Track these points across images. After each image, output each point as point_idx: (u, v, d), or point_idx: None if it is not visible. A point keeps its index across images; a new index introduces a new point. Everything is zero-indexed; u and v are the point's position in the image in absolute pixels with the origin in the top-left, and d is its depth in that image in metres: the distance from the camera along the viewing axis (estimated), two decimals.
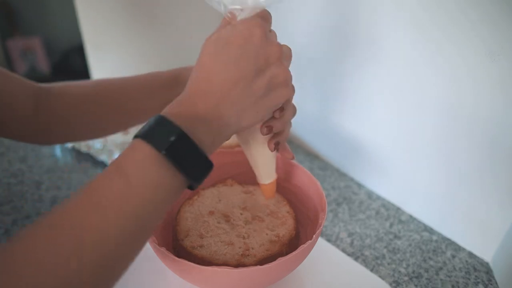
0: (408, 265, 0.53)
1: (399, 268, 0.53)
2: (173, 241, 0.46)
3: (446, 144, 0.54)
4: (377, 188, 0.67)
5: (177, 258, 0.36)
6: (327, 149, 0.75)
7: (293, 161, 0.50)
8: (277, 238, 0.44)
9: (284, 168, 0.52)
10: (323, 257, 0.52)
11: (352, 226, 0.59)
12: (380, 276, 0.51)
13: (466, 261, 0.54)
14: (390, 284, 0.50)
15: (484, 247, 0.54)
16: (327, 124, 0.72)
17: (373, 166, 0.66)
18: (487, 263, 0.54)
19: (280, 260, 0.37)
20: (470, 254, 0.55)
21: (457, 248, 0.56)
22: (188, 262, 0.36)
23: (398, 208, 0.64)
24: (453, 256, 0.55)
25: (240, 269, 0.36)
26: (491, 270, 0.53)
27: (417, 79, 0.54)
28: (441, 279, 0.51)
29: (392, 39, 0.55)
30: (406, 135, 0.59)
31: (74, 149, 0.75)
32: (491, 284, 0.51)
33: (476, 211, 0.53)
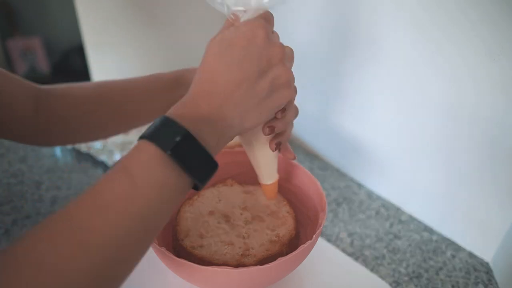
0: (408, 265, 0.53)
1: (399, 268, 0.53)
2: (173, 241, 0.46)
3: (446, 144, 0.54)
4: (377, 188, 0.67)
5: (177, 258, 0.36)
6: (327, 149, 0.75)
7: (293, 161, 0.50)
8: (277, 238, 0.44)
9: (284, 168, 0.52)
10: (323, 257, 0.53)
11: (352, 226, 0.59)
12: (380, 276, 0.51)
13: (466, 261, 0.54)
14: (390, 284, 0.50)
15: (484, 247, 0.54)
16: (327, 124, 0.72)
17: (373, 166, 0.66)
18: (487, 263, 0.54)
19: (280, 260, 0.37)
20: (470, 254, 0.55)
21: (457, 248, 0.56)
22: (188, 262, 0.36)
23: (398, 208, 0.64)
24: (453, 256, 0.55)
25: (240, 269, 0.36)
26: (491, 270, 0.53)
27: (417, 79, 0.54)
28: (441, 279, 0.51)
29: (392, 39, 0.55)
30: (406, 135, 0.59)
31: (74, 149, 0.75)
32: (491, 284, 0.51)
33: (476, 211, 0.53)
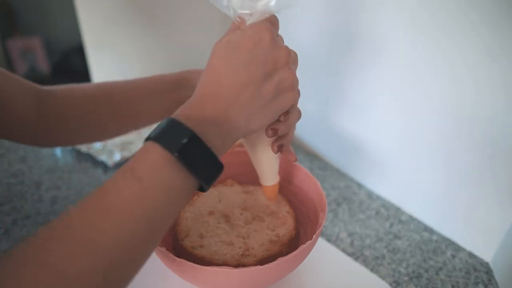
0: (408, 265, 0.53)
1: (399, 268, 0.53)
2: (173, 241, 0.46)
3: (446, 144, 0.54)
4: (377, 188, 0.67)
5: (177, 258, 0.37)
6: (327, 149, 0.75)
7: None
8: (277, 238, 0.44)
9: (284, 168, 0.52)
10: (323, 257, 0.53)
11: (352, 226, 0.59)
12: (380, 276, 0.51)
13: (466, 261, 0.54)
14: (390, 284, 0.50)
15: (484, 247, 0.54)
16: (327, 124, 0.72)
17: (373, 166, 0.66)
18: (487, 263, 0.54)
19: (280, 260, 0.37)
20: (470, 254, 0.55)
21: (457, 248, 0.56)
22: (188, 262, 0.36)
23: (398, 208, 0.64)
24: (453, 256, 0.55)
25: (240, 269, 0.36)
26: (491, 270, 0.53)
27: (418, 79, 0.54)
28: (441, 279, 0.51)
29: (392, 39, 0.55)
30: (406, 135, 0.59)
31: (74, 149, 0.75)
32: (491, 284, 0.51)
33: (476, 211, 0.53)
